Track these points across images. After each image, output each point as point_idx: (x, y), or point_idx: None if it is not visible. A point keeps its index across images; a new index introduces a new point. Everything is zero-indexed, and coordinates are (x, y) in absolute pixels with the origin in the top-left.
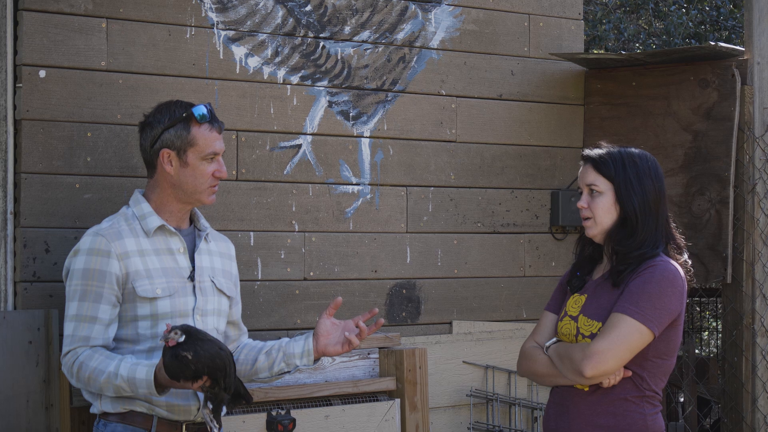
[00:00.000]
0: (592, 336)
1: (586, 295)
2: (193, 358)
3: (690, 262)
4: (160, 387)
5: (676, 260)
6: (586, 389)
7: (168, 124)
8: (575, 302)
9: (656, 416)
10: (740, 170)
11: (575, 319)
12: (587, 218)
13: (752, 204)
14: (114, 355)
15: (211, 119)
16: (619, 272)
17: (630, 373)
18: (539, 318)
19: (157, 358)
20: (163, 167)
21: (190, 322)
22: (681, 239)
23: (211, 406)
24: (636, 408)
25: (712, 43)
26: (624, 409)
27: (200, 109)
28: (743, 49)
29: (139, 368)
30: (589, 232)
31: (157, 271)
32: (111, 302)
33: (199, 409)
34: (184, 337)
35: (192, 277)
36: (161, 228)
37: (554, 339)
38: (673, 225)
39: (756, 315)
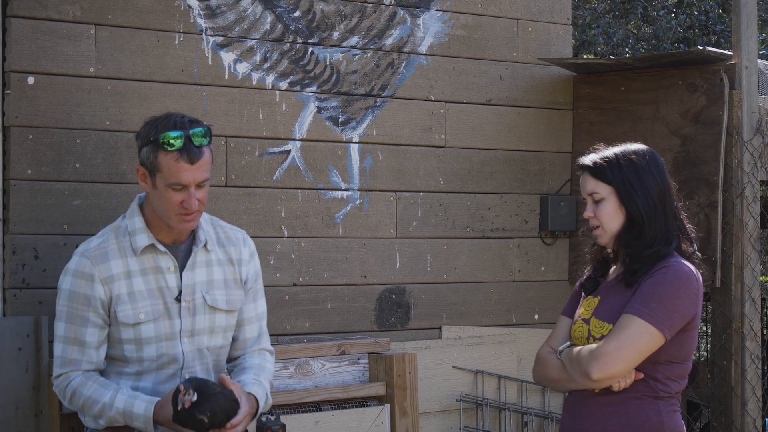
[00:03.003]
0: (603, 338)
1: (599, 298)
2: (209, 420)
3: (700, 255)
4: (156, 423)
5: (688, 254)
6: (597, 391)
7: (144, 141)
8: (588, 305)
9: (673, 414)
10: (729, 174)
11: (587, 321)
12: (596, 227)
13: (741, 208)
14: (108, 384)
15: (182, 148)
16: (633, 272)
17: (642, 375)
18: (530, 322)
19: (145, 382)
20: (140, 183)
21: (177, 345)
22: (693, 230)
23: None
24: (650, 404)
25: (701, 48)
26: (637, 406)
27: (169, 137)
28: (731, 53)
29: (137, 402)
30: (601, 241)
31: (141, 294)
32: (98, 325)
33: None
34: (195, 395)
35: (179, 298)
36: (151, 246)
37: (567, 343)
38: (684, 216)
39: (745, 319)
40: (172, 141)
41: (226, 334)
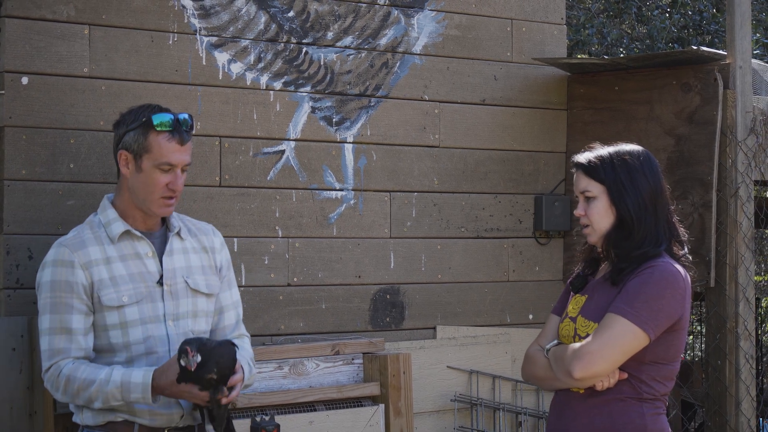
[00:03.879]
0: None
1: (586, 296)
2: (218, 377)
3: (690, 258)
4: (155, 391)
5: (678, 256)
6: (582, 391)
7: (130, 126)
8: (576, 303)
9: (657, 417)
10: (723, 174)
11: (574, 320)
12: (585, 226)
13: (735, 208)
14: (103, 366)
15: (173, 129)
16: (620, 270)
17: (626, 375)
18: (524, 322)
19: (137, 368)
20: (120, 169)
21: (162, 328)
22: (684, 234)
23: (211, 426)
24: (634, 407)
25: (695, 48)
26: (621, 408)
27: (161, 117)
28: (725, 53)
29: (135, 372)
30: (590, 239)
31: (123, 278)
32: (83, 312)
33: (182, 417)
34: (199, 356)
35: (161, 282)
36: (127, 233)
37: (555, 341)
38: (676, 219)
39: (739, 319)
40: (164, 122)
41: (208, 319)
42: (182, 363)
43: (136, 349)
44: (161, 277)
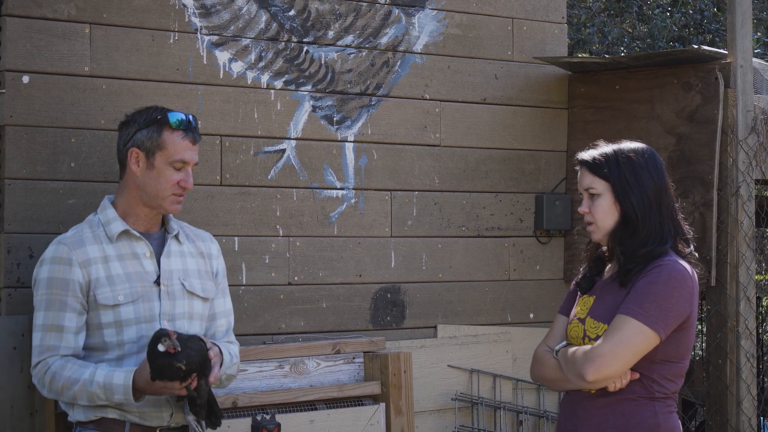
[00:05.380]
0: (598, 338)
1: (594, 297)
2: (186, 367)
3: (696, 255)
4: (138, 392)
5: (684, 254)
6: (593, 392)
7: (142, 124)
8: (584, 304)
9: (669, 415)
10: (724, 173)
11: (583, 321)
12: (590, 223)
13: (736, 207)
14: (88, 364)
15: (187, 128)
16: (627, 271)
17: (637, 375)
18: (525, 321)
19: (127, 365)
20: (130, 167)
21: (156, 328)
22: (689, 231)
23: (192, 416)
24: (646, 406)
25: (696, 47)
26: (633, 408)
27: (176, 115)
28: (726, 52)
29: (116, 374)
30: (594, 237)
31: (119, 277)
32: (76, 310)
33: (171, 415)
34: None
35: (158, 282)
36: (125, 233)
37: (563, 342)
38: (680, 216)
39: (740, 318)
40: (180, 120)
41: (202, 323)
42: (161, 348)
43: (130, 347)
44: (158, 277)
